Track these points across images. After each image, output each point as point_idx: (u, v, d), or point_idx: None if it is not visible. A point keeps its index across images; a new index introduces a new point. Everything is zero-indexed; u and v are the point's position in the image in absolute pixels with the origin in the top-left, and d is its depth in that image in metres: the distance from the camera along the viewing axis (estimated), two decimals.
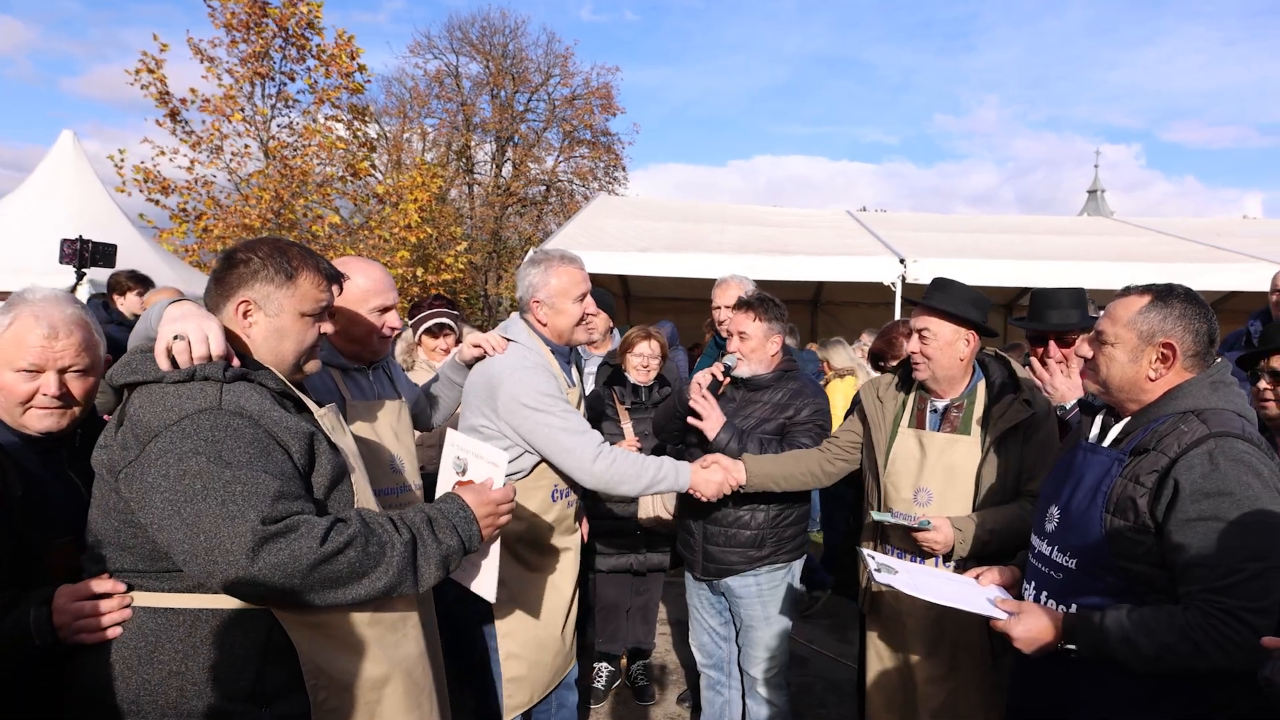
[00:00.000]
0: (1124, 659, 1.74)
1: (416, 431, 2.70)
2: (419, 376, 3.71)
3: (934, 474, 2.61)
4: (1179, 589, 1.74)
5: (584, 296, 2.80)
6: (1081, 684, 1.89)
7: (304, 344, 1.79)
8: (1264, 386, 2.32)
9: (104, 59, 51.70)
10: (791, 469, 2.93)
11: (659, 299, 11.07)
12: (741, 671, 3.28)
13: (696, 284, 7.59)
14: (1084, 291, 3.29)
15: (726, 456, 2.90)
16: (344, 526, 1.55)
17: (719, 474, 2.82)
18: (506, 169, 29.46)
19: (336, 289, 1.87)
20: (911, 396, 2.76)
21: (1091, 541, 1.86)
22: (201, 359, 1.61)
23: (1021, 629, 1.87)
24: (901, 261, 7.88)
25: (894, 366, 3.24)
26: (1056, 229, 11.73)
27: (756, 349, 3.08)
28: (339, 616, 1.66)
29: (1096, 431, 2.03)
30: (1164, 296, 1.89)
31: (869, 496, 2.85)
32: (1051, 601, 1.95)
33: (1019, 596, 2.08)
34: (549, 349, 2.79)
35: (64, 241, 7.46)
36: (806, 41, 73.19)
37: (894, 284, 7.80)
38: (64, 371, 1.80)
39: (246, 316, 1.74)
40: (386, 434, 2.37)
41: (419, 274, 16.28)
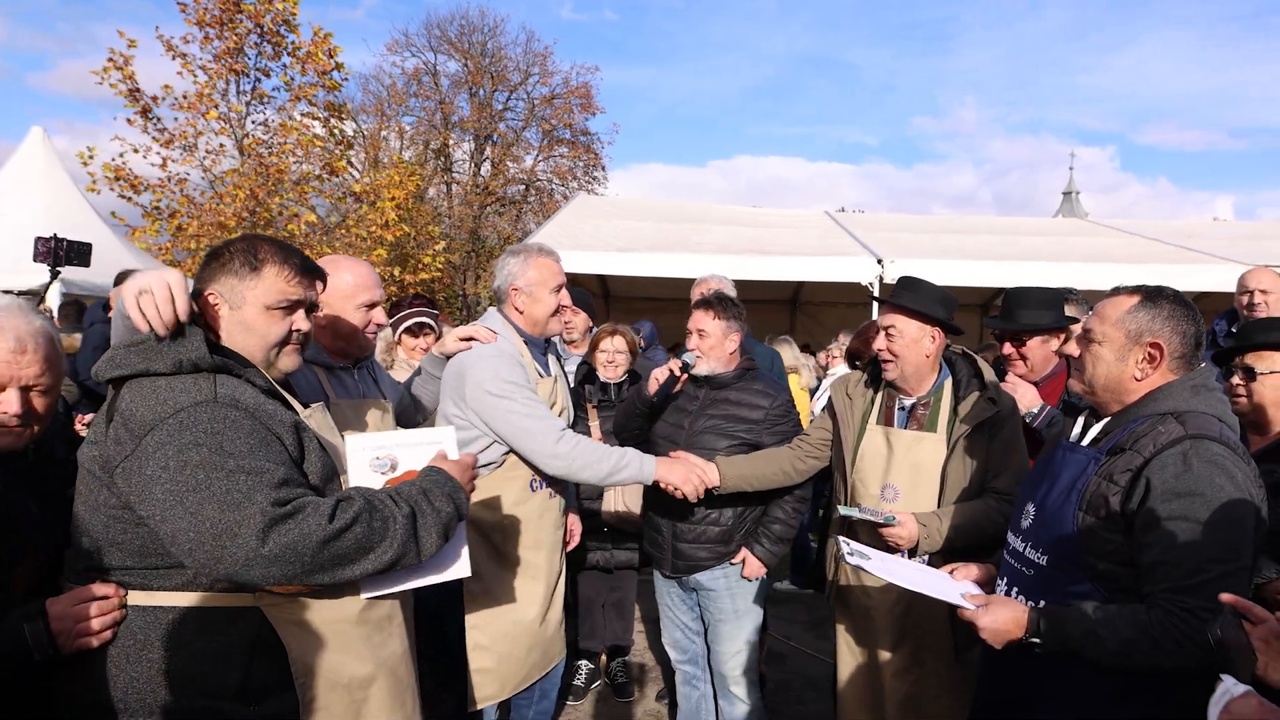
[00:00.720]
0: (1087, 655, 1.75)
1: None
2: (398, 375, 3.72)
3: (901, 470, 2.65)
4: (1144, 587, 1.74)
5: (560, 289, 2.92)
6: (1048, 677, 1.90)
7: (269, 338, 1.76)
8: (1237, 382, 2.38)
9: (74, 54, 50.61)
10: (763, 469, 2.95)
11: (639, 299, 11.06)
12: (712, 672, 3.29)
13: (676, 284, 7.60)
14: (1059, 293, 3.33)
15: (693, 454, 2.91)
16: (349, 504, 1.58)
17: (683, 466, 2.83)
18: (485, 168, 29.28)
19: (319, 285, 1.87)
20: (880, 394, 2.80)
21: (1063, 538, 1.87)
22: (165, 302, 1.59)
23: (988, 620, 1.87)
24: (879, 262, 7.95)
25: (864, 365, 3.28)
26: (1032, 230, 11.84)
27: (715, 346, 3.11)
28: (328, 614, 1.67)
29: (1077, 431, 2.04)
30: (1153, 297, 1.90)
31: (837, 492, 2.89)
32: (1022, 597, 1.95)
33: (992, 593, 2.08)
34: (523, 339, 2.87)
35: (38, 240, 7.33)
36: (787, 42, 73.54)
37: (872, 284, 7.88)
38: (28, 389, 1.66)
39: (215, 309, 1.74)
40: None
41: (396, 273, 16.12)
